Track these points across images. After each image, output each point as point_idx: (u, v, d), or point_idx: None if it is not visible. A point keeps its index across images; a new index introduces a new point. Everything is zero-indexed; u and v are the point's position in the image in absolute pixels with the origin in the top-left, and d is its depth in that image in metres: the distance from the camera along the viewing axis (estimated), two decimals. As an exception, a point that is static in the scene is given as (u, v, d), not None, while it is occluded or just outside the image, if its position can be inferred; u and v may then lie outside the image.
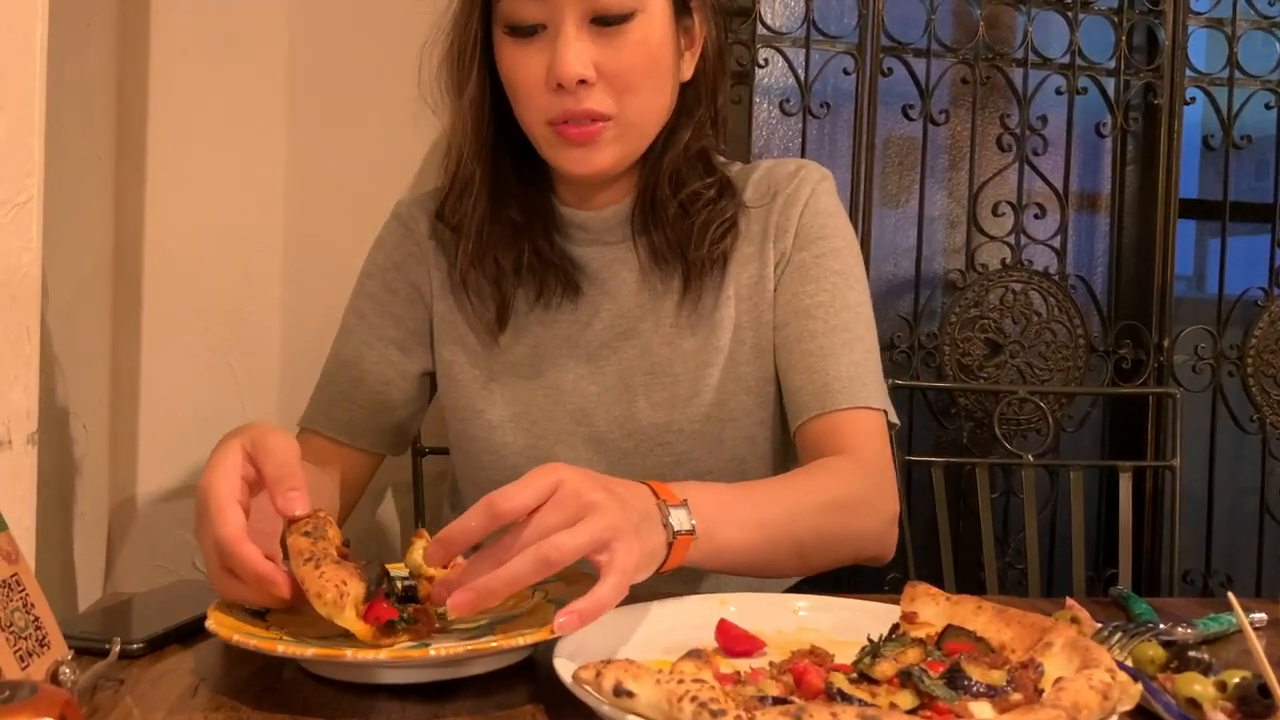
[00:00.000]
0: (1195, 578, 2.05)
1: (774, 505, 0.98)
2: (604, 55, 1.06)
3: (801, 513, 1.00)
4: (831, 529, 1.02)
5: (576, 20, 1.05)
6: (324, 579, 0.74)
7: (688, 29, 1.15)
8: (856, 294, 1.17)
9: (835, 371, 1.12)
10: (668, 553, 0.83)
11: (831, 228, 1.18)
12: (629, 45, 1.07)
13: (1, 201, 0.71)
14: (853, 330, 1.14)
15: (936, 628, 0.81)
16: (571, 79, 1.04)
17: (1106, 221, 2.13)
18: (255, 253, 1.56)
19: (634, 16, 1.07)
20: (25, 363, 0.76)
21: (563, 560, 0.73)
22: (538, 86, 1.07)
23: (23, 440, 0.76)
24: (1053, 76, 1.98)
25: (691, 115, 1.15)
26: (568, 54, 1.04)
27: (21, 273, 0.75)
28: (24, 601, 0.70)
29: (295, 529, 0.79)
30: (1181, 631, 0.91)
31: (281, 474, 0.80)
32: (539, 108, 1.08)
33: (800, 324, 1.15)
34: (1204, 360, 2.03)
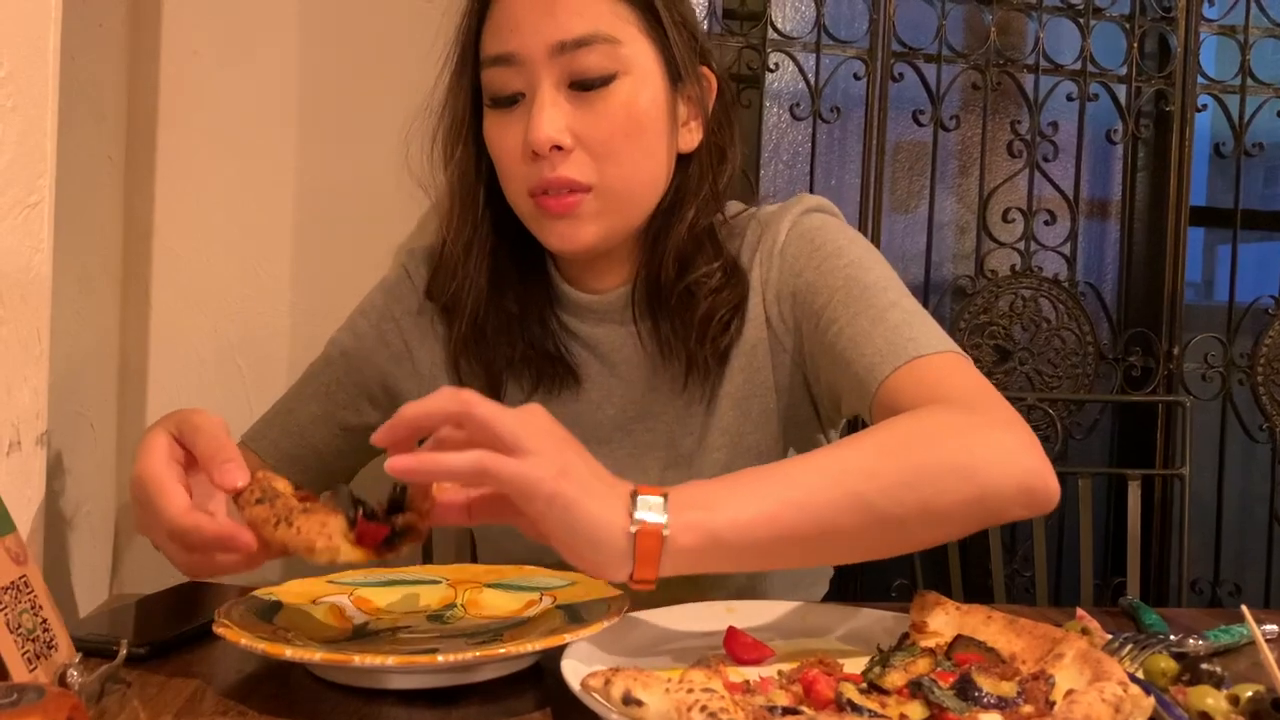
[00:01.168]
0: (1204, 586, 2.05)
1: (808, 466, 0.81)
2: (582, 120, 1.00)
3: (861, 461, 0.80)
4: (922, 472, 0.80)
5: (553, 85, 1.00)
6: (304, 532, 0.73)
7: (689, 97, 1.07)
8: (875, 273, 1.02)
9: (872, 346, 0.96)
10: (634, 549, 0.71)
11: (822, 238, 1.06)
12: (609, 109, 1.01)
13: (13, 203, 0.71)
14: (877, 304, 0.99)
15: (946, 637, 0.81)
16: (544, 144, 0.99)
17: (1117, 228, 2.12)
18: (264, 253, 1.56)
19: (615, 79, 1.01)
20: (35, 364, 0.76)
21: (497, 476, 0.70)
22: (516, 156, 1.02)
23: (32, 442, 0.76)
24: (1064, 83, 1.97)
25: (696, 191, 1.07)
26: (540, 118, 0.99)
27: (32, 273, 0.75)
28: (32, 603, 0.70)
29: (245, 500, 0.76)
30: (1193, 643, 0.90)
31: (213, 449, 0.78)
32: (519, 177, 1.03)
33: (823, 330, 1.02)
34: (1214, 368, 2.02)
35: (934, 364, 0.94)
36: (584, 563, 0.73)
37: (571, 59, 0.99)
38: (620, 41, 1.01)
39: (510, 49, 1.01)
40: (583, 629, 0.76)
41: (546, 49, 1.00)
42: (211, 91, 1.52)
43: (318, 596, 0.88)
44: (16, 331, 0.73)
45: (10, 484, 0.73)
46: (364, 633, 0.83)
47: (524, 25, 1.01)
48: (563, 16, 1.00)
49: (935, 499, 0.80)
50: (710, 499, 0.75)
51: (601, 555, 0.72)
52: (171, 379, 1.53)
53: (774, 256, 1.07)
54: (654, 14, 1.04)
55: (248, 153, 1.54)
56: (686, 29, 1.06)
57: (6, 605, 0.67)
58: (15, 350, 0.73)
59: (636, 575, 0.72)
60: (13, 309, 0.72)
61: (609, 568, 0.73)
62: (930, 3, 1.92)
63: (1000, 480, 0.82)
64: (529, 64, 1.00)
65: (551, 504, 0.70)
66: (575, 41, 0.99)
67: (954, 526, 0.84)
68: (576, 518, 0.71)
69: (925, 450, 0.81)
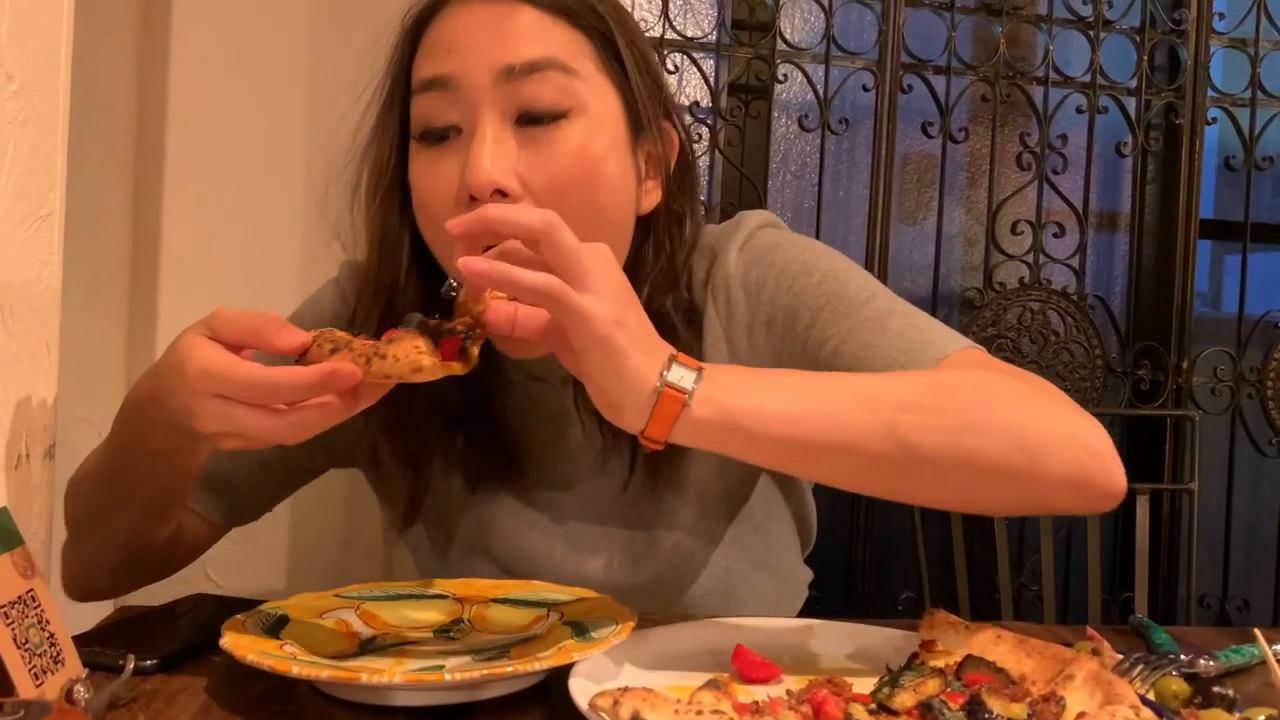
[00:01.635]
0: (1212, 602, 2.04)
1: (845, 383, 0.79)
2: (530, 162, 0.86)
3: (900, 393, 0.77)
4: (965, 420, 0.76)
5: (497, 117, 0.86)
6: (402, 358, 0.71)
7: (649, 154, 0.94)
8: (854, 283, 0.95)
9: (885, 358, 0.89)
10: (654, 406, 0.72)
11: (782, 257, 0.97)
12: (562, 151, 0.87)
13: (24, 215, 0.71)
14: (870, 314, 0.92)
15: (955, 656, 0.80)
16: (485, 187, 0.84)
17: (1126, 241, 2.12)
18: (272, 261, 1.56)
19: (569, 115, 0.87)
20: (44, 377, 0.75)
21: (562, 304, 0.70)
22: (448, 202, 0.86)
23: (40, 455, 0.76)
24: (1073, 95, 1.97)
25: (652, 264, 0.95)
26: (481, 156, 0.84)
27: (42, 286, 0.74)
28: (39, 618, 0.70)
29: (317, 357, 0.72)
30: (1204, 664, 0.89)
31: (259, 321, 0.73)
32: (447, 238, 0.81)
33: (814, 351, 0.94)
34: (1223, 382, 2.02)
35: (962, 362, 0.88)
36: (606, 405, 0.74)
37: (520, 87, 0.86)
38: (577, 73, 0.88)
39: (446, 71, 0.87)
40: (590, 647, 0.75)
41: (491, 74, 0.86)
42: (220, 100, 1.53)
43: (325, 611, 0.87)
44: (26, 345, 0.73)
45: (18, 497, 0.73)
46: (370, 648, 0.83)
47: (465, 46, 0.87)
48: (512, 38, 0.87)
49: (976, 453, 0.76)
50: (741, 384, 0.76)
51: (624, 400, 0.73)
52: (178, 387, 1.53)
53: (731, 289, 0.98)
54: (614, 51, 0.92)
55: (256, 161, 1.54)
56: (650, 76, 0.95)
57: (14, 620, 0.67)
58: (24, 363, 0.73)
59: (648, 431, 0.73)
60: (22, 322, 0.72)
61: (626, 415, 0.73)
62: (940, 14, 1.92)
63: (1055, 457, 0.78)
64: (469, 91, 0.86)
65: (600, 344, 0.71)
66: (526, 66, 0.86)
67: (996, 492, 0.80)
68: (618, 365, 0.72)
69: (974, 400, 0.78)
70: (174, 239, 1.52)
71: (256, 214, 1.55)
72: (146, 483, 0.90)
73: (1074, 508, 0.83)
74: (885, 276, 1.88)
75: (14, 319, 0.71)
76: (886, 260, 1.88)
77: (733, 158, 1.89)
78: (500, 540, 1.03)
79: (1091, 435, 0.80)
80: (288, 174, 1.55)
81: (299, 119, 1.55)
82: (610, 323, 0.71)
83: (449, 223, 0.74)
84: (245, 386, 0.71)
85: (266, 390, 0.71)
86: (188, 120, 1.52)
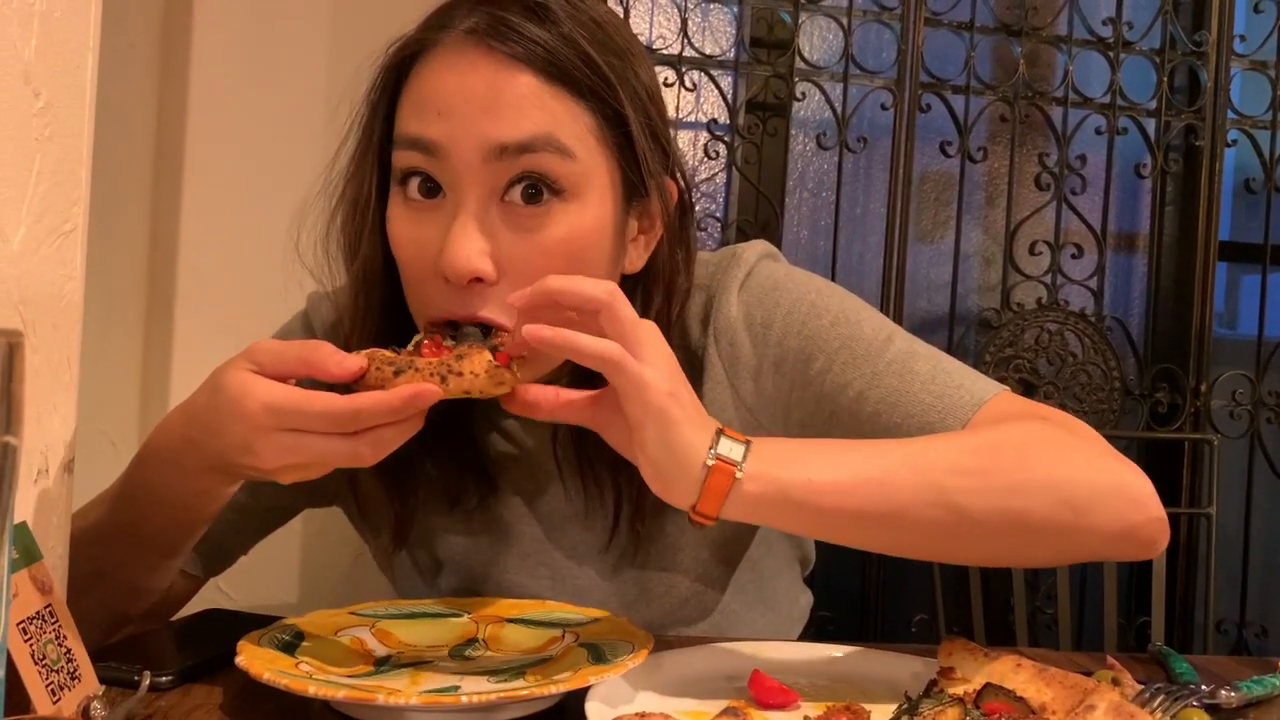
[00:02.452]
0: (1229, 627, 2.02)
1: (893, 449, 0.78)
2: (512, 245, 0.82)
3: (948, 456, 0.77)
4: (1013, 482, 0.77)
5: (481, 195, 0.82)
6: (480, 375, 0.73)
7: (643, 211, 0.90)
8: (866, 323, 0.92)
9: (919, 404, 0.87)
10: (704, 480, 0.73)
11: (788, 299, 0.94)
12: (547, 238, 0.82)
13: (48, 231, 0.71)
14: (892, 358, 0.90)
15: (974, 684, 0.79)
16: (461, 275, 0.80)
17: (1144, 263, 2.11)
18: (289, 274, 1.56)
19: (559, 198, 0.83)
20: (65, 391, 0.75)
21: (622, 371, 0.71)
22: (424, 269, 0.83)
23: (59, 469, 0.76)
24: (1093, 116, 1.97)
25: (643, 312, 0.88)
26: (460, 241, 0.80)
27: (64, 301, 0.75)
28: (57, 634, 0.69)
29: (378, 380, 0.72)
30: (1225, 694, 0.88)
31: (309, 349, 0.72)
32: (423, 296, 0.84)
33: (833, 396, 0.91)
34: (1242, 406, 2.00)
35: (1002, 405, 0.87)
36: (657, 479, 0.74)
37: (510, 166, 0.81)
38: (572, 154, 0.83)
39: (434, 136, 0.82)
40: (607, 669, 0.75)
41: (481, 150, 0.81)
42: (240, 112, 1.53)
43: (340, 629, 0.87)
44: (48, 360, 0.73)
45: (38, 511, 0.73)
46: (386, 667, 0.82)
47: (456, 114, 0.81)
48: (506, 111, 0.81)
49: (1025, 514, 0.77)
50: (788, 456, 0.76)
51: (675, 474, 0.73)
52: (195, 399, 1.53)
53: (735, 331, 0.94)
54: (622, 126, 0.86)
55: (275, 174, 1.55)
56: (658, 138, 0.89)
57: (32, 636, 0.67)
58: (46, 378, 0.73)
59: (699, 507, 0.74)
60: (44, 337, 0.72)
61: (676, 491, 0.74)
62: (959, 34, 1.91)
63: (1101, 511, 0.79)
64: (455, 162, 0.82)
65: (655, 414, 0.72)
66: (519, 146, 0.81)
67: (1043, 549, 0.81)
68: (671, 437, 0.72)
69: (1020, 460, 0.78)
70: (191, 252, 1.53)
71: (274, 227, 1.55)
72: (161, 533, 0.88)
73: (1119, 557, 0.83)
74: (902, 295, 1.88)
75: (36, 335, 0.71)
76: (903, 279, 1.87)
77: (750, 175, 1.89)
78: (483, 575, 1.01)
79: (1134, 484, 0.80)
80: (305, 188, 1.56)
81: (318, 133, 1.56)
82: (666, 394, 0.72)
83: (512, 298, 0.75)
84: (324, 418, 0.71)
85: (350, 419, 0.71)
86: (207, 133, 1.53)
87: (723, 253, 0.99)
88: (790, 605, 1.13)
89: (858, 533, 0.79)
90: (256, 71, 1.54)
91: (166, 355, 1.54)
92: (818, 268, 1.87)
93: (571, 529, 1.00)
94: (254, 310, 1.55)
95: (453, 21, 0.85)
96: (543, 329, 0.72)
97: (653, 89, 0.91)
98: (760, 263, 0.97)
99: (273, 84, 1.55)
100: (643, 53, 0.92)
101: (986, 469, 0.78)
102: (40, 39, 0.69)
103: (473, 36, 0.83)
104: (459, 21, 0.85)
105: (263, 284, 1.56)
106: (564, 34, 0.84)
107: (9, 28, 0.66)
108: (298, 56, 1.56)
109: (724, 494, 0.73)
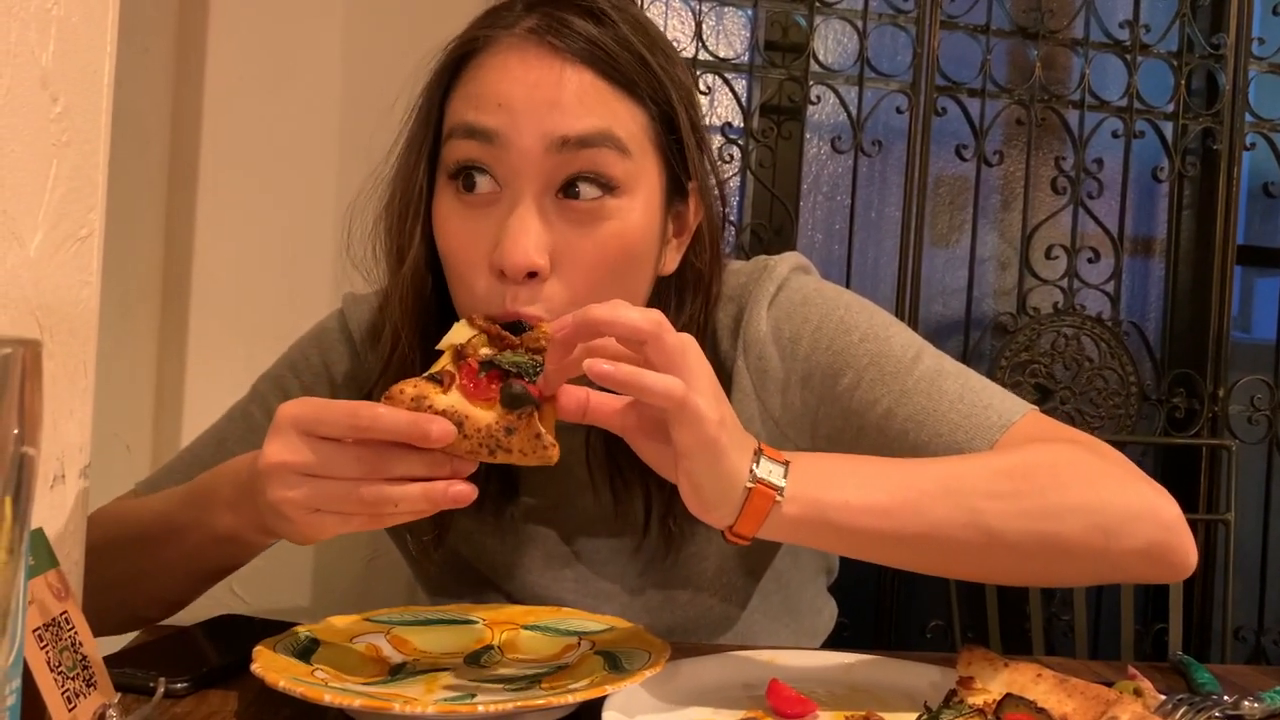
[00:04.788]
0: (1247, 635, 2.01)
1: (927, 472, 0.78)
2: (566, 240, 0.83)
3: (980, 479, 0.78)
4: (1046, 505, 0.78)
5: (539, 189, 0.82)
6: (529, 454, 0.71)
7: (679, 214, 0.92)
8: (895, 340, 0.92)
9: (948, 423, 0.88)
10: (744, 502, 0.73)
11: (817, 314, 0.94)
12: (601, 234, 0.83)
13: (65, 237, 0.71)
14: (921, 375, 0.90)
15: (994, 694, 0.79)
16: (519, 270, 0.81)
17: (1161, 267, 2.10)
18: (303, 278, 1.56)
19: (613, 195, 0.84)
20: (81, 397, 0.75)
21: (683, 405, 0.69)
22: (478, 266, 0.83)
23: (75, 474, 0.76)
24: (1109, 119, 1.95)
25: (675, 316, 0.91)
26: (519, 236, 0.80)
27: (81, 306, 0.74)
28: (72, 640, 0.69)
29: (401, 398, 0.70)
30: (1248, 705, 0.87)
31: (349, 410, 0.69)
32: (474, 294, 0.84)
33: (861, 413, 0.91)
34: (1260, 411, 1.99)
35: (1030, 426, 0.88)
36: (696, 501, 0.73)
37: (569, 160, 0.82)
38: (629, 152, 0.84)
39: (495, 125, 0.82)
40: (624, 679, 0.74)
41: (542, 142, 0.82)
42: (254, 117, 1.54)
43: (355, 635, 0.87)
44: (64, 365, 0.73)
45: (52, 517, 0.73)
46: (401, 674, 0.82)
47: (518, 104, 0.82)
48: (569, 106, 0.82)
49: (1057, 536, 0.78)
50: (826, 476, 0.76)
51: (716, 500, 0.72)
52: (208, 403, 1.53)
53: (764, 344, 0.94)
54: (671, 123, 0.88)
55: (289, 179, 1.55)
56: (700, 139, 0.91)
57: (47, 643, 0.67)
58: (62, 384, 0.73)
59: (737, 528, 0.74)
60: (61, 343, 0.72)
61: (715, 513, 0.73)
62: (975, 37, 1.91)
63: (1131, 534, 0.80)
64: (516, 154, 0.82)
65: (708, 446, 0.70)
66: (579, 140, 0.82)
67: (1074, 570, 0.82)
68: (718, 465, 0.71)
69: (1052, 482, 0.79)
70: (206, 256, 1.53)
71: (289, 232, 1.56)
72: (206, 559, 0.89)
73: (1148, 579, 0.84)
74: (917, 299, 1.87)
75: (53, 340, 0.71)
76: (919, 283, 1.87)
77: (764, 178, 1.88)
78: (506, 575, 1.01)
79: (1163, 507, 0.82)
80: (320, 192, 1.56)
81: (332, 138, 1.56)
82: (717, 424, 0.71)
83: (552, 328, 0.72)
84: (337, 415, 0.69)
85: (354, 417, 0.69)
86: (221, 138, 1.53)
87: (755, 264, 0.99)
88: (814, 617, 1.12)
89: (892, 553, 0.79)
90: (271, 76, 1.54)
91: (181, 359, 1.54)
92: (832, 272, 1.87)
93: (599, 533, 0.99)
94: (268, 315, 1.56)
95: (510, 20, 0.86)
96: (604, 366, 0.69)
97: (693, 91, 0.93)
98: (791, 276, 0.97)
99: (287, 89, 1.55)
100: (675, 50, 0.93)
101: (1020, 492, 0.78)
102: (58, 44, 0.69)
103: (534, 35, 0.84)
104: (517, 21, 0.86)
105: (277, 288, 1.56)
106: (619, 35, 0.85)
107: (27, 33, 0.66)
108: (312, 61, 1.56)
109: (764, 516, 0.73)
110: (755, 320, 0.94)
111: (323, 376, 1.03)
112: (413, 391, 0.70)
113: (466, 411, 0.71)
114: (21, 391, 0.46)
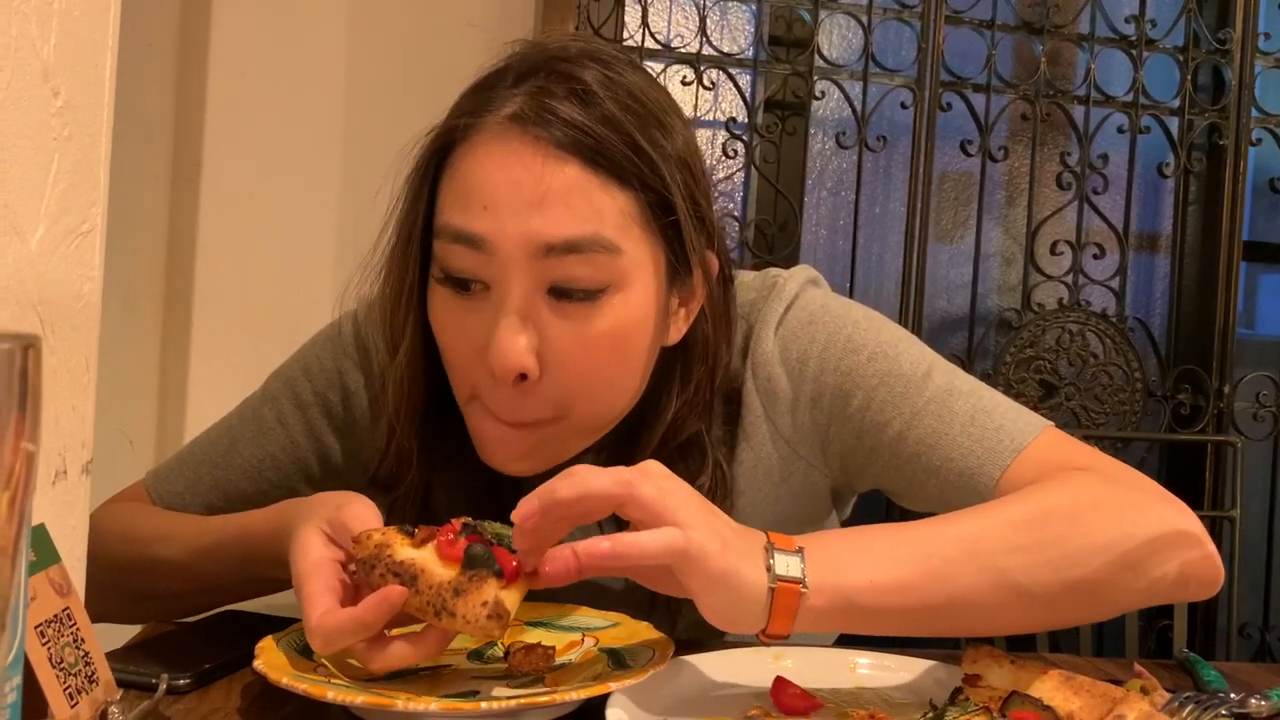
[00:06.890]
0: (1253, 632, 2.00)
1: (944, 534, 0.77)
2: (557, 337, 0.81)
3: (1001, 535, 0.77)
4: (1069, 552, 0.77)
5: (527, 290, 0.80)
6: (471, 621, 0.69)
7: (684, 285, 0.88)
8: (905, 357, 0.91)
9: (959, 447, 0.87)
10: (770, 604, 0.71)
11: (825, 333, 0.93)
12: (592, 330, 0.81)
13: (66, 231, 0.71)
14: (932, 395, 0.89)
15: (1000, 692, 0.78)
16: (508, 374, 0.80)
17: (1166, 263, 2.09)
18: (307, 273, 1.56)
19: (606, 292, 0.81)
20: (83, 392, 0.75)
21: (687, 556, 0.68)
22: (470, 358, 0.83)
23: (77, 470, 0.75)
24: (1115, 114, 1.95)
25: (682, 386, 0.89)
26: (506, 341, 0.79)
27: (83, 302, 0.74)
28: (74, 637, 0.69)
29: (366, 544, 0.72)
30: (1255, 704, 0.87)
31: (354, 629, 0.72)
32: (467, 382, 0.84)
33: (872, 433, 0.91)
34: (1266, 408, 1.98)
35: (1043, 449, 0.87)
36: (721, 620, 0.72)
37: (557, 265, 0.80)
38: (620, 250, 0.81)
39: (479, 231, 0.80)
40: (628, 676, 0.74)
41: (528, 249, 0.79)
42: (258, 112, 1.53)
43: (358, 631, 0.86)
44: (66, 361, 0.72)
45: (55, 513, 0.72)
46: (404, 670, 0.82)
47: (502, 209, 0.80)
48: (553, 213, 0.79)
49: (1085, 581, 0.77)
50: (844, 558, 0.74)
51: (741, 615, 0.72)
52: (211, 398, 1.53)
53: (772, 366, 0.93)
54: (667, 209, 0.84)
55: (293, 174, 1.55)
56: (702, 218, 0.87)
57: (50, 639, 0.66)
58: (64, 379, 0.72)
59: (770, 630, 0.72)
60: (63, 338, 0.71)
61: (744, 621, 0.72)
62: (980, 32, 1.90)
63: (1159, 564, 0.79)
64: (502, 258, 0.80)
65: (719, 579, 0.70)
66: (565, 246, 0.79)
67: (1105, 607, 0.82)
68: (734, 586, 0.70)
69: (1073, 527, 0.78)
70: (209, 252, 1.53)
71: (291, 228, 1.55)
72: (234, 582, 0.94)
73: (1185, 599, 0.86)
74: (921, 296, 1.87)
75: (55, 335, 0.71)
76: (923, 279, 1.86)
77: (769, 174, 1.88)
78: None
79: (1186, 527, 0.81)
80: (323, 188, 1.56)
81: (336, 131, 1.55)
82: (720, 552, 0.69)
83: (517, 517, 0.70)
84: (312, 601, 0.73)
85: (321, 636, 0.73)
86: (225, 131, 1.53)
87: (764, 278, 0.97)
88: None
89: (924, 625, 0.77)
90: (275, 70, 1.54)
91: (184, 354, 1.54)
92: (836, 267, 1.87)
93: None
94: (272, 309, 1.56)
95: (493, 105, 0.83)
96: (602, 549, 0.69)
97: (692, 152, 0.88)
98: (800, 295, 0.95)
99: (290, 83, 1.55)
100: (676, 109, 0.89)
101: (1041, 542, 0.77)
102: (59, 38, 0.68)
103: (516, 124, 0.81)
104: (500, 105, 0.82)
105: (280, 282, 1.56)
106: (607, 115, 0.81)
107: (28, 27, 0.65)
108: (316, 54, 1.55)
109: (794, 613, 0.71)
110: (763, 341, 0.94)
111: (335, 382, 1.02)
112: (379, 539, 0.72)
113: (424, 566, 0.71)
114: (22, 387, 0.45)
